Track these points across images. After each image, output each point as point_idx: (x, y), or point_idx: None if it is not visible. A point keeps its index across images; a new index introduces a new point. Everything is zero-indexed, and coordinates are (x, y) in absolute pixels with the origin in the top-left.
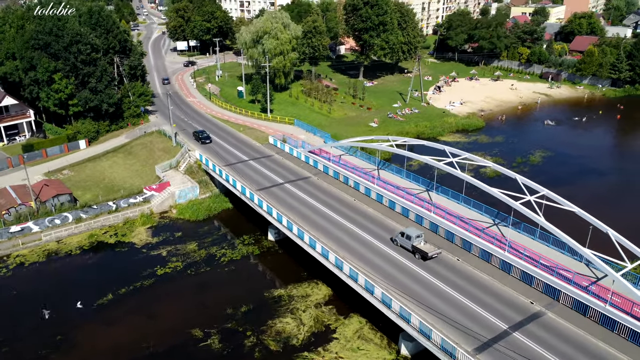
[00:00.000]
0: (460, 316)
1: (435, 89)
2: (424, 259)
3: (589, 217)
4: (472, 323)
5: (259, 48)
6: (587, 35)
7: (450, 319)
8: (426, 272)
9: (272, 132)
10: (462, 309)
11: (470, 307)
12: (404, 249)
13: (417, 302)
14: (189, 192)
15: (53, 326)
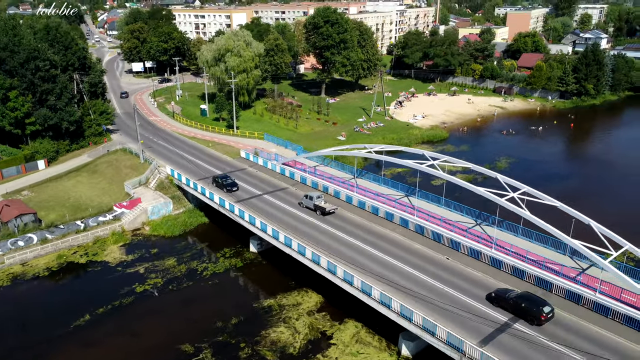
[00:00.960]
0: (459, 311)
1: (396, 104)
2: (323, 214)
3: (570, 210)
4: (472, 317)
5: (221, 66)
6: (533, 53)
7: (450, 315)
8: (417, 271)
9: (242, 146)
10: (460, 304)
11: (467, 302)
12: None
13: (415, 300)
14: (162, 208)
15: (26, 351)
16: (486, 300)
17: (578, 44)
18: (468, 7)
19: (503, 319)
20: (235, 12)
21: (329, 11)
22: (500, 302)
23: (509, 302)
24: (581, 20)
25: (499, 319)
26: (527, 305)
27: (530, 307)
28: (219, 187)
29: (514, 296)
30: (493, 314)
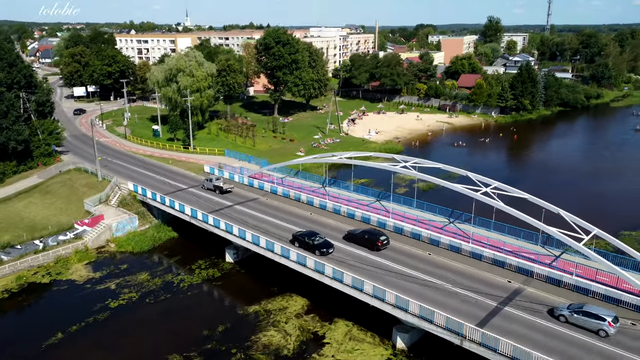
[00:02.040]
0: (450, 300)
1: (349, 122)
2: (221, 193)
3: (539, 201)
4: (463, 305)
5: (173, 86)
6: (470, 74)
7: (442, 303)
8: (401, 266)
9: (204, 162)
10: (448, 294)
11: (456, 292)
12: None
13: (406, 292)
14: (127, 224)
15: None
16: (343, 239)
17: (509, 66)
18: (401, 36)
19: (493, 305)
20: (180, 37)
21: (279, 32)
22: (350, 238)
23: (356, 236)
24: (507, 47)
25: (490, 304)
26: (368, 237)
27: (370, 238)
28: (308, 248)
29: (359, 232)
30: (486, 302)
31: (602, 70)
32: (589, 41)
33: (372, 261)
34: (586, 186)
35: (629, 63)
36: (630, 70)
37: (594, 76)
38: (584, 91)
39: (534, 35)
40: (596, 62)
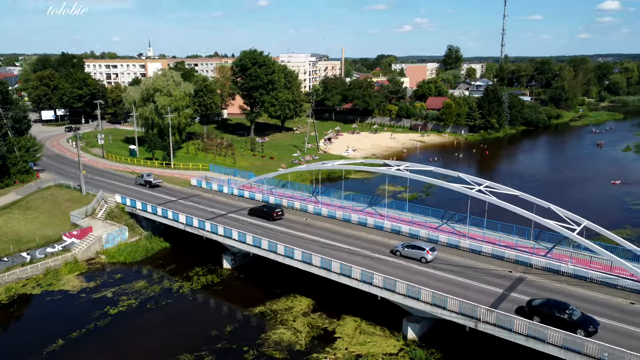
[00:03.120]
0: (458, 289)
1: (326, 141)
2: (151, 187)
3: (530, 197)
4: (471, 293)
5: (150, 106)
6: (437, 96)
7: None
8: (403, 261)
9: (188, 177)
10: (456, 284)
11: (462, 282)
12: None
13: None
14: (118, 236)
15: None
16: (248, 215)
17: (472, 90)
18: (363, 65)
19: (499, 291)
20: (151, 62)
21: (255, 54)
22: (254, 213)
23: (259, 212)
24: (467, 74)
25: (496, 291)
26: (266, 209)
27: (267, 211)
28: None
29: (259, 207)
30: (491, 289)
31: (559, 92)
32: (542, 68)
33: (369, 255)
34: (560, 193)
35: (582, 87)
36: (583, 94)
37: (552, 98)
38: (545, 112)
39: (490, 65)
40: (553, 85)
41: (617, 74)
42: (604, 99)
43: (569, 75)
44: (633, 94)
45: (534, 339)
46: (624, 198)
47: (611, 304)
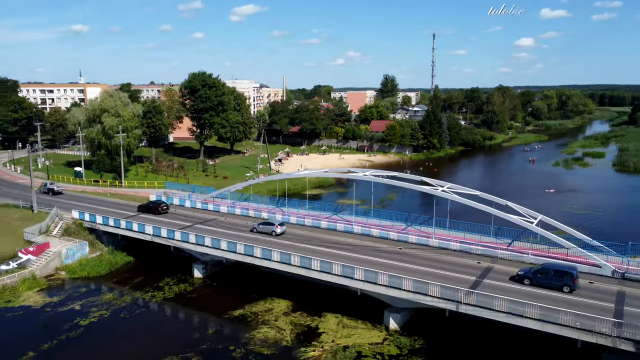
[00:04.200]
0: (435, 279)
1: (276, 161)
2: (54, 194)
3: (489, 196)
4: (447, 281)
5: (97, 127)
6: (379, 120)
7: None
8: (378, 258)
9: (144, 195)
10: (431, 275)
11: (437, 272)
12: None
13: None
14: (78, 251)
15: None
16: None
17: (411, 116)
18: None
19: (472, 279)
20: (90, 87)
21: (205, 75)
22: (142, 209)
23: (146, 207)
24: (403, 101)
25: (469, 279)
26: (152, 205)
27: (153, 206)
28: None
29: (146, 203)
30: (464, 277)
31: (491, 116)
32: (472, 95)
33: (346, 255)
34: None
35: (510, 112)
36: (511, 118)
37: (485, 121)
38: (479, 133)
39: (424, 94)
40: (485, 110)
41: (539, 101)
42: (529, 123)
43: (498, 100)
44: (554, 118)
45: (513, 315)
46: (558, 203)
47: None
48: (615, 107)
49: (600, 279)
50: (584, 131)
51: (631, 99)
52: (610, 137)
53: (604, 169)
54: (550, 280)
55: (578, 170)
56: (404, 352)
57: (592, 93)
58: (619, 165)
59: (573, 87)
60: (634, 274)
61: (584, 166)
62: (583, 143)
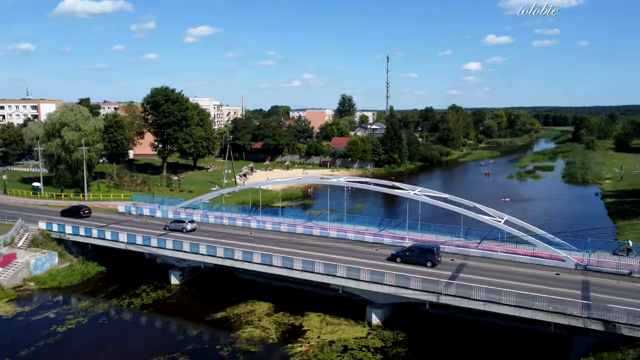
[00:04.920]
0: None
1: (241, 176)
2: None
3: (457, 199)
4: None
5: (57, 141)
6: (340, 137)
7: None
8: (353, 257)
9: (112, 207)
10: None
11: (413, 268)
12: None
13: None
14: (47, 261)
15: None
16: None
17: (369, 133)
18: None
19: (449, 274)
20: (44, 103)
21: (167, 90)
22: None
23: (69, 211)
24: (361, 120)
25: (446, 274)
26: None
27: (75, 210)
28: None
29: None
30: (440, 272)
31: (447, 133)
32: (427, 115)
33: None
34: None
35: (463, 129)
36: (464, 136)
37: (441, 138)
38: (437, 149)
39: (380, 114)
40: (441, 128)
41: (490, 120)
42: (481, 141)
43: (452, 118)
44: (503, 136)
45: (491, 302)
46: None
47: (538, 275)
48: (558, 127)
49: (565, 271)
50: (532, 148)
51: (573, 119)
52: (557, 152)
53: (554, 181)
54: (416, 257)
55: (531, 182)
56: (388, 344)
57: (537, 114)
58: (568, 176)
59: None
60: (595, 265)
61: (536, 178)
62: (533, 158)
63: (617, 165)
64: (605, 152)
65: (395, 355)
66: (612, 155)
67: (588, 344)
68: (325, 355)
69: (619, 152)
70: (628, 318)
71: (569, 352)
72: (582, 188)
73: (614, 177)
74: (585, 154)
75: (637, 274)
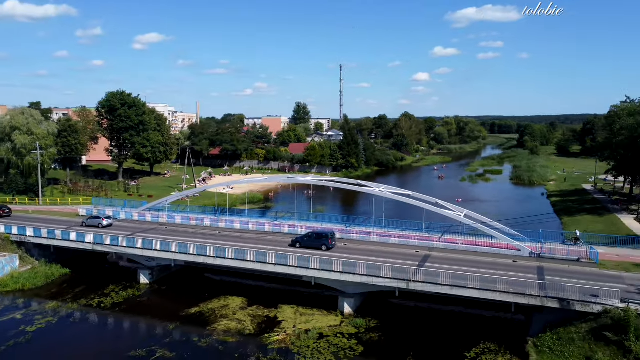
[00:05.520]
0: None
1: (200, 181)
2: None
3: (420, 196)
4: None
5: (7, 145)
6: (297, 143)
7: None
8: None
9: (70, 210)
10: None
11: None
12: None
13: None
14: (7, 264)
15: None
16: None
17: (325, 140)
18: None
19: (415, 263)
20: None
21: (124, 94)
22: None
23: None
24: (316, 127)
25: (413, 263)
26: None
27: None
28: None
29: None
30: (408, 262)
31: (401, 139)
32: (380, 122)
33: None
34: None
35: (416, 136)
36: (417, 142)
37: (396, 144)
38: (392, 154)
39: (334, 122)
40: (395, 134)
41: (440, 127)
42: (432, 147)
43: (406, 125)
44: (453, 143)
45: (457, 287)
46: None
47: (497, 263)
48: (503, 134)
49: (521, 259)
50: (480, 154)
51: (517, 127)
52: (504, 157)
53: (503, 183)
54: (313, 242)
55: (482, 184)
56: (361, 331)
57: (484, 122)
58: (516, 179)
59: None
60: (547, 253)
61: (486, 181)
62: (482, 163)
63: (560, 169)
64: (548, 157)
65: (369, 340)
66: (554, 159)
67: (545, 322)
68: (302, 342)
69: (560, 157)
70: (580, 296)
71: (528, 331)
72: (529, 189)
73: (558, 179)
74: (530, 158)
75: (585, 259)
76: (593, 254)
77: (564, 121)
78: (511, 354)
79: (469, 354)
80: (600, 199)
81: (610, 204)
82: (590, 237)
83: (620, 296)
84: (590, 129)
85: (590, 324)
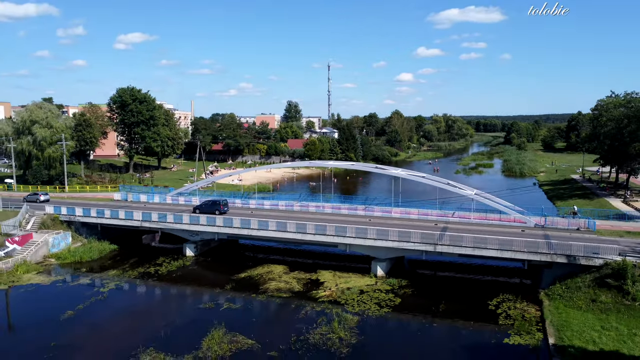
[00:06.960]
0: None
1: (208, 173)
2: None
3: (433, 177)
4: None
5: (25, 139)
6: (295, 139)
7: None
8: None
9: (104, 196)
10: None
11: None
12: None
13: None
14: (62, 240)
15: None
16: None
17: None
18: None
19: (437, 233)
20: None
21: (134, 90)
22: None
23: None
24: (308, 125)
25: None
26: None
27: None
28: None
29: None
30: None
31: (394, 135)
32: (371, 120)
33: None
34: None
35: (407, 133)
36: (408, 139)
37: (389, 140)
38: (387, 150)
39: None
40: (388, 131)
41: (430, 125)
42: (423, 144)
43: (397, 122)
44: (442, 140)
45: (479, 247)
46: None
47: (508, 232)
48: (489, 133)
49: (528, 229)
50: (468, 150)
51: (502, 126)
52: (494, 153)
53: (495, 175)
54: (208, 208)
55: (475, 176)
56: (395, 288)
57: (469, 121)
58: (507, 171)
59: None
60: (550, 224)
61: (479, 173)
62: (473, 157)
63: (547, 162)
64: (534, 152)
65: (404, 294)
66: (541, 154)
67: (554, 276)
68: (347, 296)
69: (546, 152)
70: (584, 251)
71: (539, 285)
72: (521, 180)
73: (547, 171)
74: (518, 153)
75: (583, 229)
76: (590, 224)
77: (547, 120)
78: (527, 302)
79: (491, 302)
80: (589, 186)
81: (599, 190)
82: (586, 213)
83: (618, 251)
84: (575, 125)
85: (593, 275)
